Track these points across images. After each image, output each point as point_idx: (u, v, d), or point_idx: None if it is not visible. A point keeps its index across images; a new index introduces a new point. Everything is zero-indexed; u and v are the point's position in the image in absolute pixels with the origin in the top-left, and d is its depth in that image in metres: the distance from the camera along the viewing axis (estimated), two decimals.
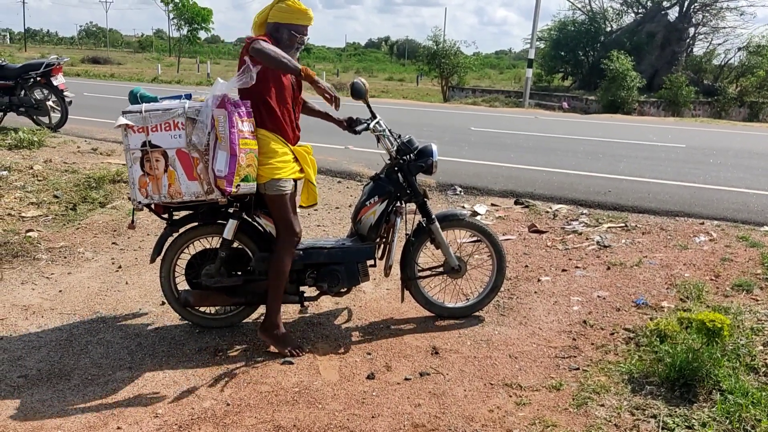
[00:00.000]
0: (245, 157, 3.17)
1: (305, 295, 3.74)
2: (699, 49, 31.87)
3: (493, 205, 6.59)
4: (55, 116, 9.64)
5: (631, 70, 25.01)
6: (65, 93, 9.52)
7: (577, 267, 4.82)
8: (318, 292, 3.75)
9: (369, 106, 3.73)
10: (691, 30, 30.96)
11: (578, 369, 3.30)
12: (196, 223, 3.60)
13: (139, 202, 3.32)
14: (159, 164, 3.22)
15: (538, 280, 4.57)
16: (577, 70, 32.45)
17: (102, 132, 10.00)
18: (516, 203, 6.65)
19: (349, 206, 6.38)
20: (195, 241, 3.68)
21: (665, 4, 31.09)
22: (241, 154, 3.13)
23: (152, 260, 3.61)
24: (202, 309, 3.72)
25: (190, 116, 3.18)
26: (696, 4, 30.25)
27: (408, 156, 3.73)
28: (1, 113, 9.55)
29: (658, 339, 3.42)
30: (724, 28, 30.74)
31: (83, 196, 6.14)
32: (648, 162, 9.21)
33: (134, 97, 3.35)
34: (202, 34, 42.00)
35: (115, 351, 3.40)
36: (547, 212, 6.29)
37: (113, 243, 5.12)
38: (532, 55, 24.24)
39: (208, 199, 3.28)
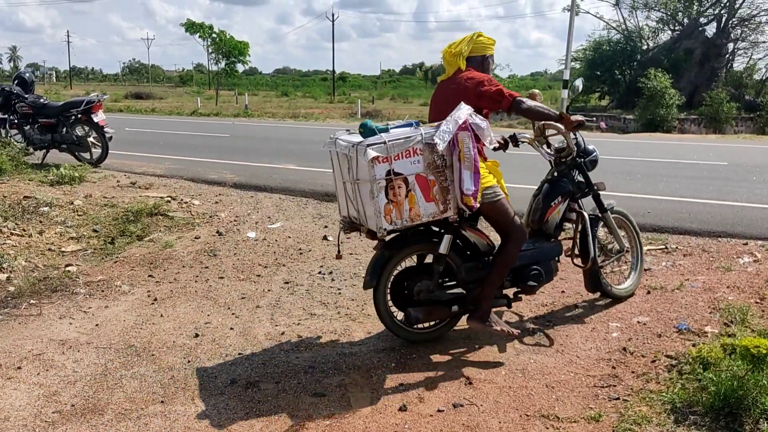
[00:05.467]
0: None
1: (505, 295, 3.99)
2: (739, 65, 31.31)
3: None
4: (96, 152, 9.89)
5: (670, 88, 24.63)
6: (105, 129, 9.78)
7: None
8: (515, 291, 4.03)
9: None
10: (730, 45, 30.44)
11: (618, 399, 3.19)
12: (410, 243, 3.76)
13: (385, 230, 3.45)
14: (401, 190, 3.43)
15: (576, 306, 4.46)
16: (614, 90, 32.11)
17: (141, 166, 10.22)
18: None
19: None
20: (403, 260, 3.86)
21: (702, 20, 30.67)
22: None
23: (369, 286, 3.74)
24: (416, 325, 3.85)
25: (426, 141, 3.43)
26: (734, 20, 29.76)
27: (583, 156, 4.22)
28: (44, 150, 9.84)
29: (701, 366, 3.28)
30: (764, 42, 30.17)
31: (121, 229, 6.26)
32: (688, 181, 9.01)
33: (370, 131, 3.43)
34: (240, 67, 42.76)
35: (148, 385, 3.42)
36: None
37: (149, 276, 5.19)
38: (567, 76, 24.09)
39: (440, 219, 3.56)
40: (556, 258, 4.15)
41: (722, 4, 30.13)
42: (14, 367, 3.59)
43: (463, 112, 3.47)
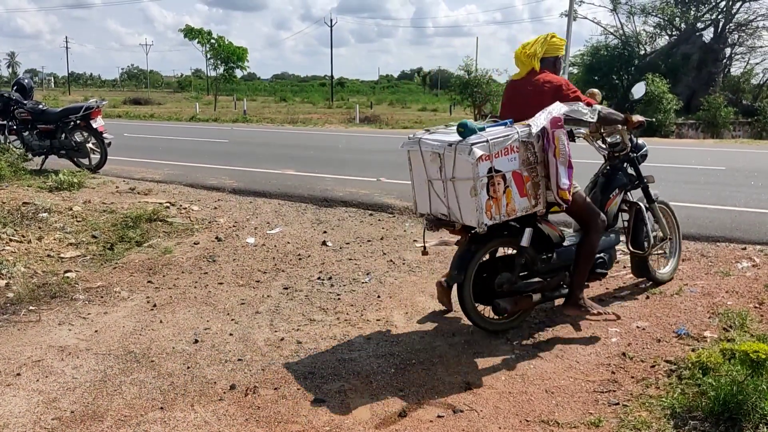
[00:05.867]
0: None
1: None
2: (736, 69, 31.49)
3: None
4: (95, 158, 9.90)
5: (667, 93, 24.71)
6: (104, 135, 9.78)
7: (614, 296, 4.70)
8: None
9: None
10: (728, 50, 30.59)
11: (618, 404, 3.19)
12: (493, 238, 3.93)
13: (486, 225, 3.60)
14: (500, 187, 3.60)
15: None
16: (611, 95, 32.16)
17: (140, 172, 10.23)
18: None
19: (381, 239, 6.37)
20: (486, 253, 4.05)
21: (699, 25, 30.80)
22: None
23: (456, 280, 3.92)
24: (495, 316, 4.09)
25: (522, 140, 3.62)
26: (731, 25, 29.90)
27: (635, 151, 4.58)
28: (43, 156, 9.84)
29: (700, 371, 3.29)
30: (761, 47, 30.29)
31: (120, 235, 6.26)
32: (686, 186, 9.02)
33: (471, 130, 3.55)
34: (239, 73, 42.79)
35: (147, 391, 3.41)
36: None
37: (149, 281, 5.18)
38: None
39: (529, 213, 3.78)
40: (615, 246, 4.46)
41: (719, 10, 30.31)
42: (13, 374, 3.58)
43: (558, 108, 3.70)
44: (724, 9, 30.20)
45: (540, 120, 3.64)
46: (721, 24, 30.06)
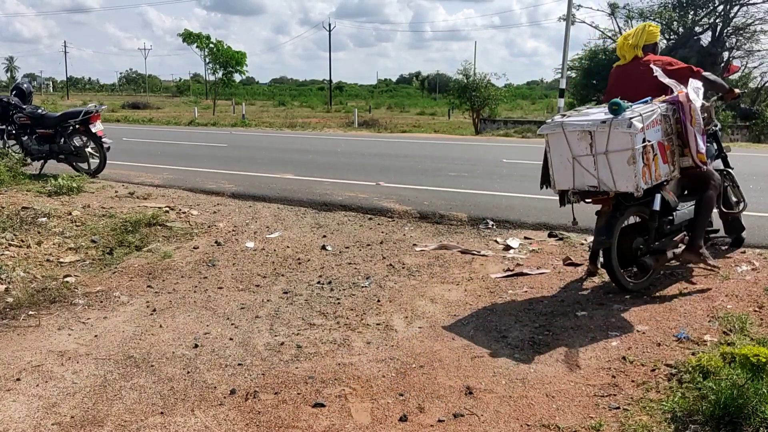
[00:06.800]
0: None
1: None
2: (734, 73, 31.41)
3: (526, 238, 6.51)
4: (94, 162, 9.89)
5: None
6: (104, 139, 9.76)
7: (614, 301, 4.70)
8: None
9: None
10: (725, 54, 30.60)
11: (618, 408, 3.19)
12: (629, 205, 4.49)
13: (642, 189, 4.16)
14: (650, 156, 4.16)
15: (575, 315, 4.46)
16: None
17: (139, 176, 10.22)
18: (550, 236, 6.56)
19: (381, 243, 6.37)
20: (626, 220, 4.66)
21: (697, 29, 30.82)
22: None
23: (605, 245, 4.51)
24: (634, 279, 4.74)
25: (663, 113, 4.28)
26: (729, 29, 29.94)
27: (715, 127, 5.28)
28: (42, 160, 9.84)
29: (701, 375, 3.29)
30: (759, 51, 30.35)
31: (120, 240, 6.26)
32: None
33: (622, 108, 4.09)
34: (237, 77, 42.92)
35: (147, 396, 3.41)
36: (582, 244, 6.19)
37: (148, 286, 5.18)
38: (563, 85, 24.17)
39: (669, 178, 4.43)
40: None
41: (717, 14, 30.34)
42: (13, 379, 3.58)
43: (696, 83, 4.54)
44: (722, 13, 30.24)
45: (692, 95, 4.37)
46: (719, 28, 30.08)
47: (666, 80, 4.54)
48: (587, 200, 4.63)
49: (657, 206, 4.44)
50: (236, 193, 8.86)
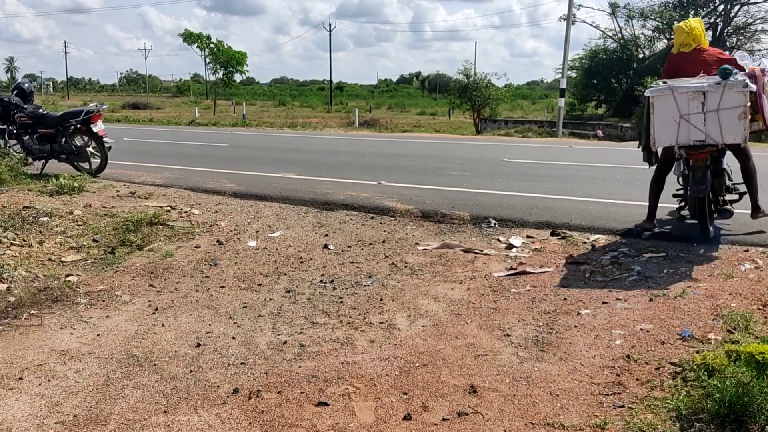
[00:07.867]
0: None
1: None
2: None
3: (528, 236, 6.50)
4: (95, 162, 9.88)
5: None
6: (105, 139, 9.75)
7: (618, 299, 4.69)
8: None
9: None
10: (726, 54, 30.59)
11: (623, 406, 3.17)
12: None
13: (747, 138, 5.28)
14: (750, 114, 5.22)
15: (578, 314, 4.45)
16: (610, 98, 32.22)
17: (140, 176, 10.21)
18: (552, 234, 6.54)
19: (383, 242, 6.36)
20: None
21: None
22: None
23: (705, 192, 5.42)
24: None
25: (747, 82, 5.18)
26: (729, 28, 29.93)
27: None
28: (43, 160, 9.83)
29: (706, 373, 3.28)
30: (760, 50, 30.33)
31: (121, 239, 6.25)
32: None
33: (732, 72, 5.16)
34: (238, 77, 42.95)
35: (150, 395, 3.40)
36: (585, 243, 6.18)
37: (150, 285, 5.17)
38: (564, 85, 24.17)
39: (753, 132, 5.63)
40: None
41: (718, 13, 30.34)
42: (16, 378, 3.57)
43: (765, 62, 5.67)
44: (723, 13, 30.27)
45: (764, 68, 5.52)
46: (719, 27, 30.11)
47: (741, 62, 5.55)
48: (689, 153, 5.42)
49: (724, 164, 5.61)
50: (238, 192, 8.84)
